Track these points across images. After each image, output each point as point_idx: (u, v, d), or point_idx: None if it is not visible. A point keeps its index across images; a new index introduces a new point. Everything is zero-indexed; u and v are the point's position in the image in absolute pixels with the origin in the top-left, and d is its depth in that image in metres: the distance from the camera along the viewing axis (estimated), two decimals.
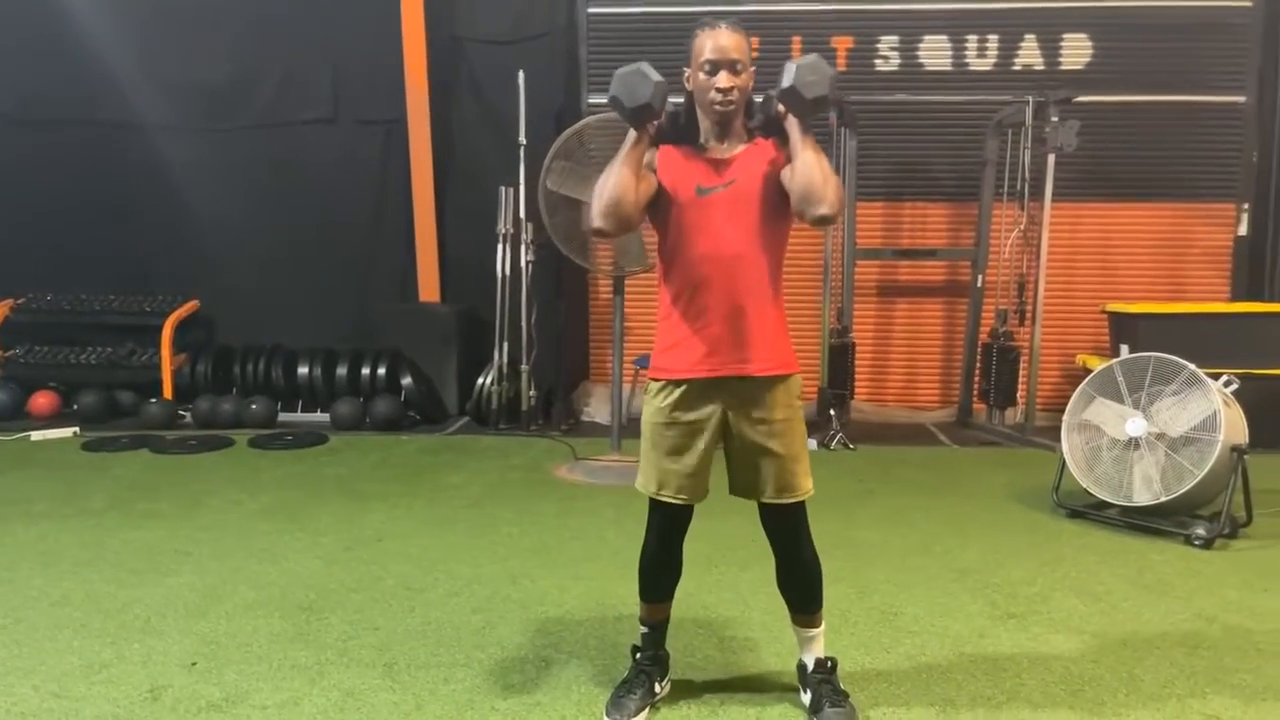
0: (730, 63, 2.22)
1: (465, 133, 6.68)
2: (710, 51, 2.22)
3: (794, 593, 2.51)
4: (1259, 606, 3.24)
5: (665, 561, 2.52)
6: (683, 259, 2.33)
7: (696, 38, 2.28)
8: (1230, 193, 6.35)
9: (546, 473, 5.02)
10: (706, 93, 2.25)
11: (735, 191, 2.29)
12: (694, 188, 2.30)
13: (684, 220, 2.31)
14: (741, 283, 2.31)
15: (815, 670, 2.49)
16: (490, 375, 6.11)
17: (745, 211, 2.29)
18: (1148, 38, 6.21)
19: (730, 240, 2.29)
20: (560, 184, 4.75)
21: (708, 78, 2.24)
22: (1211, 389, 3.89)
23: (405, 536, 3.94)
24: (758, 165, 2.29)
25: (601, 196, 2.23)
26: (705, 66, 2.24)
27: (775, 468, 2.36)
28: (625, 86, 2.19)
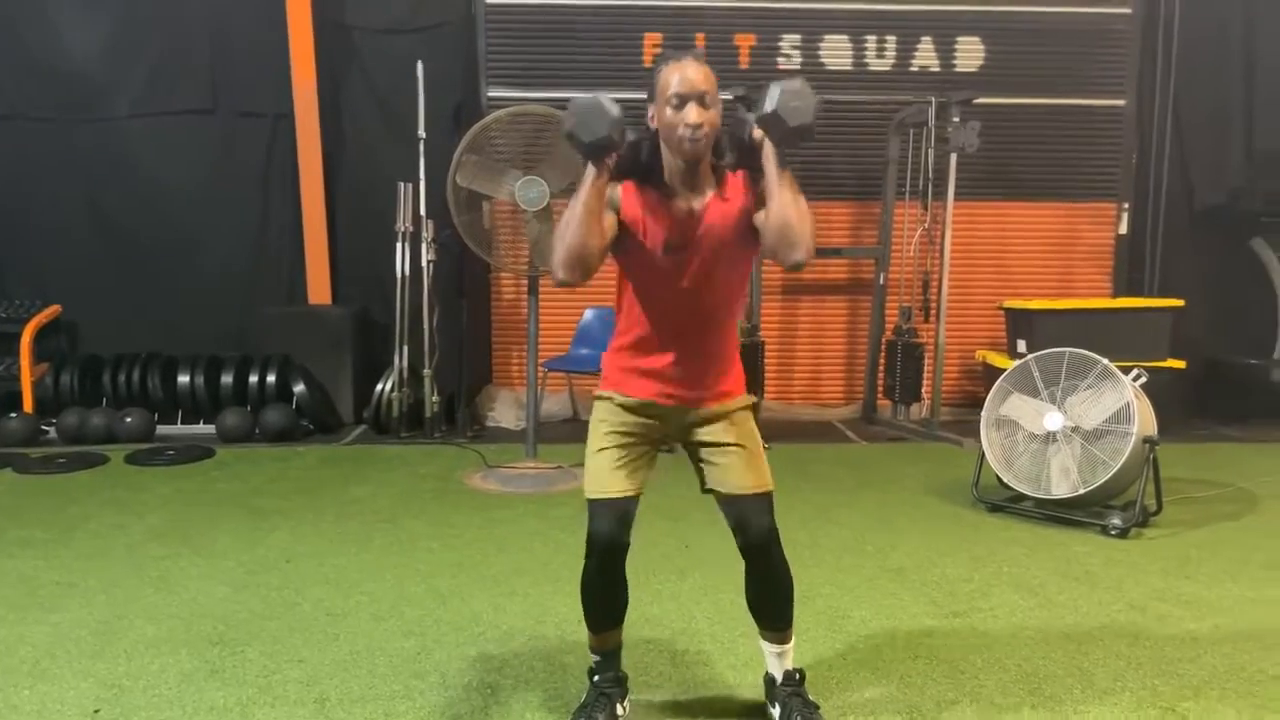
0: (699, 95, 2.07)
1: (357, 126, 6.35)
2: (677, 85, 2.06)
3: (764, 604, 2.41)
4: (1184, 594, 3.33)
5: (608, 580, 2.34)
6: (646, 303, 2.25)
7: (661, 72, 2.12)
8: (1112, 193, 6.62)
9: (458, 482, 4.80)
10: (674, 129, 2.08)
11: (704, 247, 2.18)
12: (661, 244, 2.17)
13: (648, 272, 2.21)
14: (704, 331, 2.27)
15: (784, 683, 2.40)
16: (390, 381, 5.82)
17: (713, 264, 2.20)
18: (1036, 42, 6.41)
19: (696, 291, 2.22)
20: (470, 180, 4.54)
21: (675, 112, 2.07)
22: (1124, 382, 4.00)
23: (316, 556, 3.66)
24: (727, 214, 2.18)
25: (563, 244, 2.07)
26: (673, 100, 2.07)
27: (738, 457, 2.30)
28: (582, 121, 2.02)
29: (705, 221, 2.17)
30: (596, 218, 2.08)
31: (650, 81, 2.14)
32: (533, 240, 4.61)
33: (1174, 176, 6.53)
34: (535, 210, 4.53)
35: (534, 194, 4.50)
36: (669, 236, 2.16)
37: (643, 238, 2.17)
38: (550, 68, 6.29)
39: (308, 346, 6.05)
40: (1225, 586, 3.39)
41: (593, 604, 2.37)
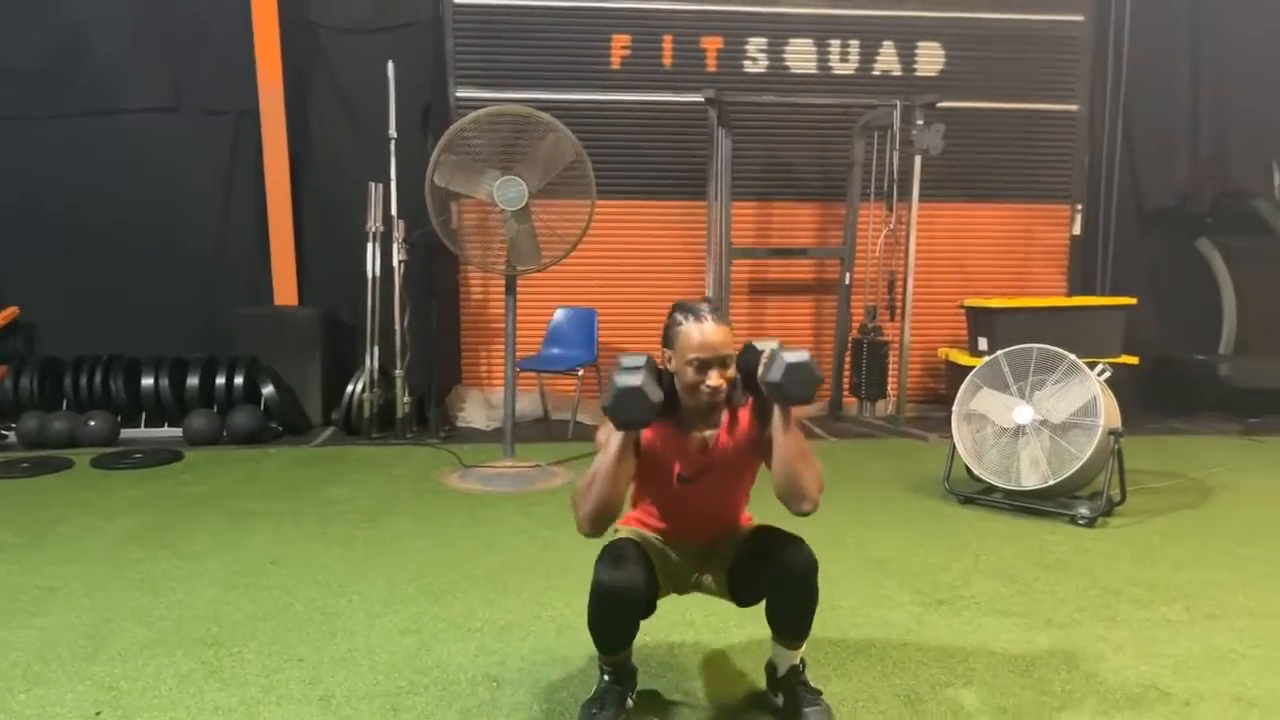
0: (720, 359, 2.17)
1: (324, 125, 6.30)
2: (699, 349, 2.16)
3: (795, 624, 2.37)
4: (1153, 579, 3.46)
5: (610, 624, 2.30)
6: (661, 510, 2.42)
7: (681, 327, 2.19)
8: (1065, 195, 6.83)
9: (436, 482, 4.79)
10: (695, 387, 2.19)
11: (715, 476, 2.32)
12: (675, 476, 2.30)
13: (663, 495, 2.38)
14: (716, 525, 2.44)
15: (789, 674, 2.45)
16: (361, 382, 5.78)
17: (723, 489, 2.38)
18: (993, 48, 6.58)
19: (708, 509, 2.40)
20: (448, 179, 4.54)
21: (696, 374, 2.17)
22: (1090, 377, 4.14)
23: (301, 557, 3.64)
24: (738, 444, 2.30)
25: (592, 500, 2.18)
26: (694, 363, 2.17)
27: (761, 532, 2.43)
28: (623, 405, 2.11)
29: (717, 452, 2.29)
30: (626, 479, 2.21)
31: (667, 331, 2.22)
32: (510, 240, 4.63)
33: (1124, 179, 6.76)
34: (514, 210, 4.54)
35: (512, 194, 4.51)
36: (684, 470, 2.29)
37: (658, 467, 2.29)
38: (518, 68, 6.30)
39: (275, 348, 5.99)
40: (1190, 571, 3.54)
41: (599, 638, 2.35)
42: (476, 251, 4.77)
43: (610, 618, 2.28)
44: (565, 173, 4.56)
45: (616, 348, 6.44)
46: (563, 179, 4.57)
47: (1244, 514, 4.31)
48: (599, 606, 2.26)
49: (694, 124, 6.35)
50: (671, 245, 6.50)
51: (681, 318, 2.20)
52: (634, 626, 2.34)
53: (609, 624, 2.31)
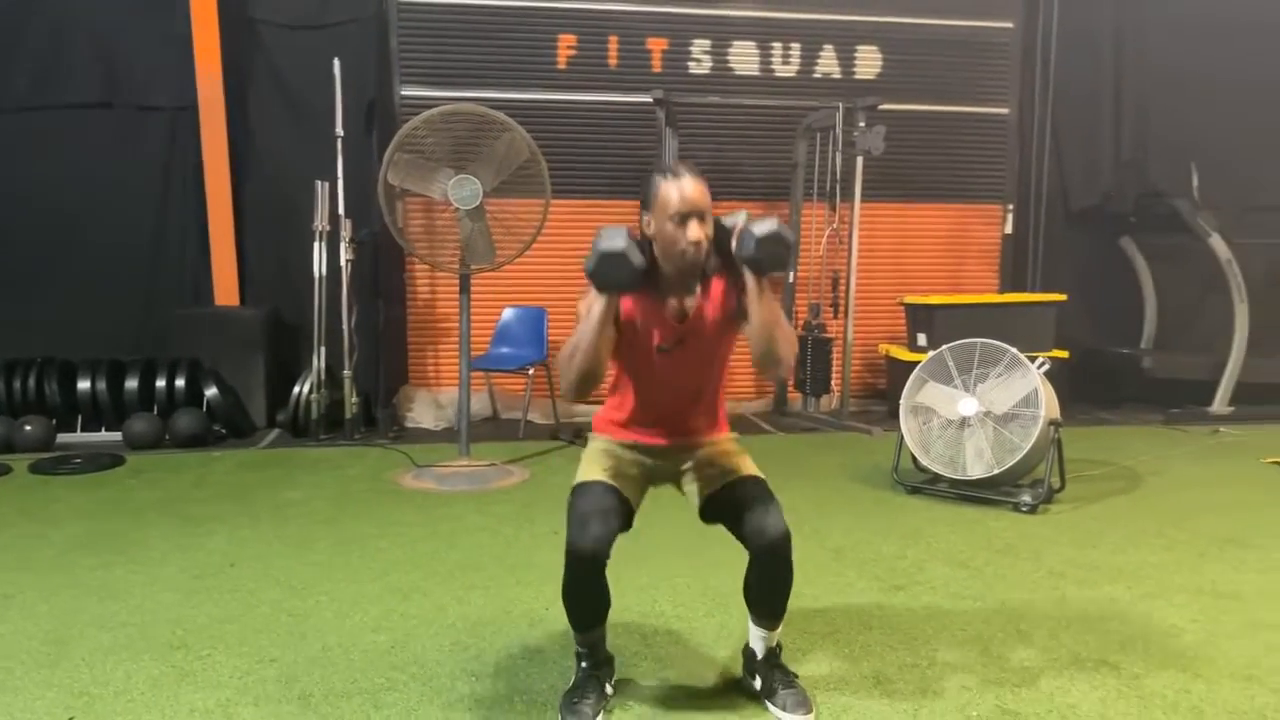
0: (700, 212, 2.22)
1: (265, 123, 6.19)
2: (679, 203, 2.20)
3: (771, 602, 2.44)
4: (1095, 561, 3.63)
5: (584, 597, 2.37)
6: (641, 387, 2.44)
7: (660, 186, 2.24)
8: (998, 195, 7.06)
9: (390, 482, 4.76)
10: (674, 244, 2.23)
11: (694, 344, 2.36)
12: (654, 345, 2.35)
13: (641, 368, 2.40)
14: (695, 406, 2.47)
15: (766, 658, 2.51)
16: (308, 382, 5.70)
17: (702, 359, 2.41)
18: (928, 53, 6.77)
19: (686, 383, 2.43)
20: (402, 178, 4.52)
21: (676, 228, 2.22)
22: (1031, 370, 4.31)
23: (261, 560, 3.60)
24: (715, 312, 2.34)
25: (575, 368, 2.24)
26: (675, 218, 2.21)
27: (725, 459, 2.48)
28: (607, 266, 2.16)
29: (696, 321, 2.34)
30: (608, 343, 2.26)
31: (646, 193, 2.26)
32: (464, 239, 4.63)
33: (1052, 180, 7.02)
34: (468, 209, 4.54)
35: (467, 193, 4.51)
36: (663, 338, 2.33)
37: (638, 337, 2.33)
38: (464, 67, 6.28)
39: (217, 349, 5.87)
40: (1128, 553, 3.72)
41: (574, 611, 2.40)
42: (428, 250, 4.74)
43: (582, 582, 2.31)
44: (519, 172, 4.57)
45: None
46: (517, 178, 4.59)
47: (1172, 498, 4.53)
48: (571, 573, 2.31)
49: (640, 124, 6.42)
50: None
51: (660, 178, 2.25)
52: (605, 596, 2.38)
53: (582, 589, 2.34)
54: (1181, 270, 7.00)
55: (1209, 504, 4.41)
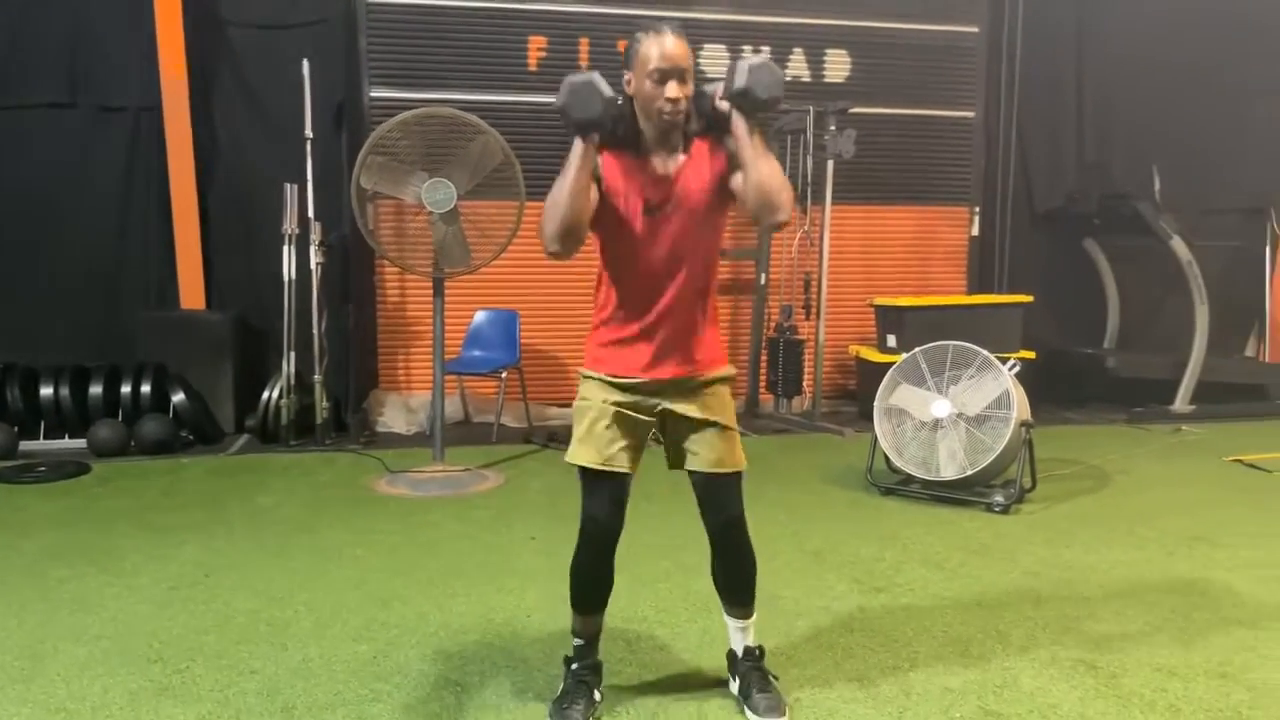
0: (679, 71, 2.17)
1: (231, 124, 6.10)
2: (658, 60, 2.16)
3: (732, 581, 2.51)
4: (1068, 561, 3.69)
5: (601, 564, 2.44)
6: (628, 271, 2.33)
7: (640, 43, 2.21)
8: (964, 197, 7.14)
9: (365, 488, 4.72)
10: (653, 101, 2.18)
11: (681, 207, 2.28)
12: (641, 205, 2.27)
13: (629, 235, 2.29)
14: (687, 290, 2.34)
15: (745, 658, 2.53)
16: (278, 387, 5.63)
17: (690, 225, 2.30)
18: (896, 56, 6.83)
19: (676, 254, 2.31)
20: (375, 181, 4.48)
21: (656, 86, 2.17)
22: (1003, 372, 4.37)
23: (237, 569, 3.55)
24: (700, 175, 2.29)
25: (555, 218, 2.17)
26: (654, 75, 2.17)
27: (716, 435, 2.38)
28: (576, 98, 2.13)
29: (680, 181, 2.27)
30: (586, 190, 2.18)
31: (628, 50, 2.23)
32: (438, 242, 4.60)
33: (1018, 182, 7.11)
34: (442, 213, 4.51)
35: (440, 196, 4.49)
36: (648, 197, 2.26)
37: (623, 201, 2.26)
38: (434, 68, 6.23)
39: (183, 354, 5.78)
40: (1100, 553, 3.78)
41: (583, 586, 2.44)
42: (399, 254, 4.70)
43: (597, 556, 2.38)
44: (494, 175, 4.55)
45: (538, 350, 6.46)
46: (491, 181, 4.57)
47: (1140, 497, 4.61)
48: (591, 539, 2.36)
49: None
50: (591, 246, 6.53)
51: (641, 34, 2.21)
52: (612, 575, 2.44)
53: (595, 563, 2.39)
54: (1143, 271, 7.13)
55: (1175, 503, 4.49)
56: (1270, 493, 4.71)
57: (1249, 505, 4.46)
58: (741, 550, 2.47)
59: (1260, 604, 3.23)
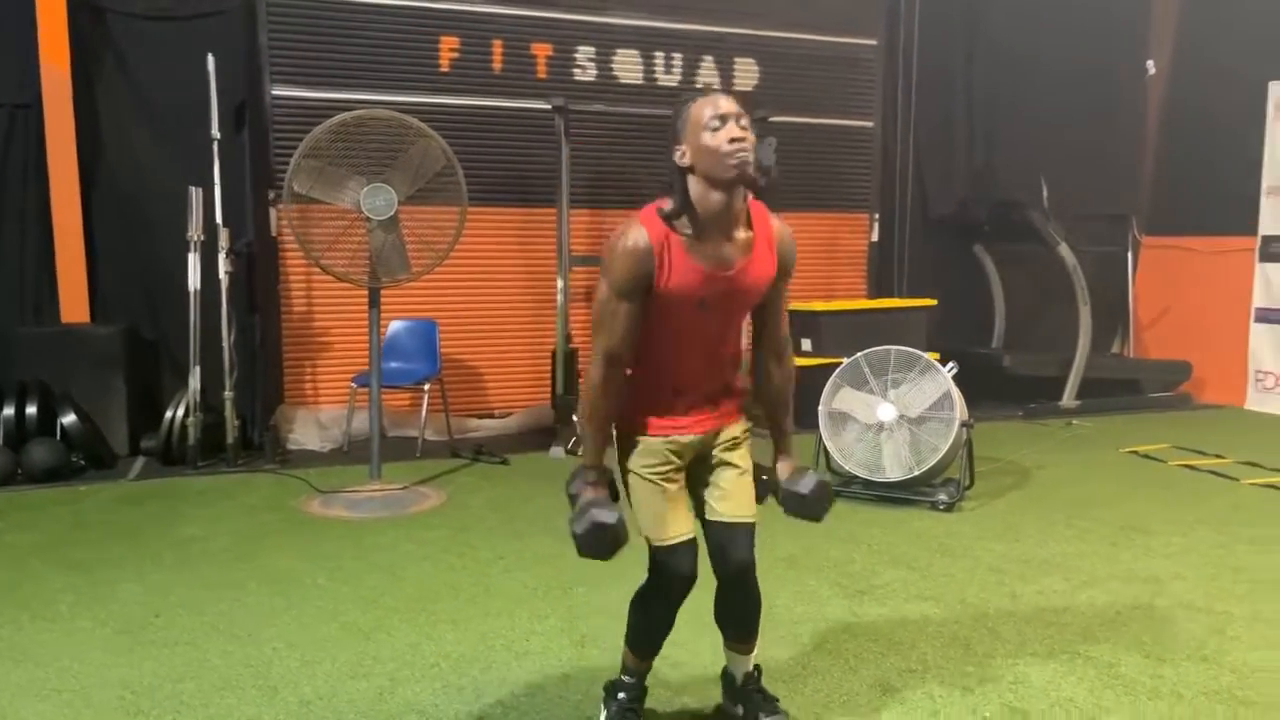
0: (737, 115, 2.09)
1: (119, 122, 5.63)
2: (714, 109, 2.08)
3: (740, 623, 2.46)
4: (1025, 556, 3.84)
5: (670, 619, 2.35)
6: (671, 349, 2.24)
7: (690, 107, 2.12)
8: (865, 204, 7.38)
9: (296, 511, 4.45)
10: (717, 150, 2.05)
11: (734, 295, 2.19)
12: (697, 301, 2.14)
13: (679, 324, 2.19)
14: (726, 362, 2.34)
15: (745, 683, 2.48)
16: (183, 405, 5.24)
17: (738, 309, 2.26)
18: (801, 67, 6.99)
19: (721, 335, 2.28)
20: (309, 186, 4.23)
21: (715, 134, 2.05)
22: (942, 374, 4.53)
23: (190, 606, 3.28)
24: (757, 275, 2.21)
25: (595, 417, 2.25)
26: (712, 124, 2.06)
27: (737, 482, 2.36)
28: (591, 542, 2.18)
29: (739, 278, 2.17)
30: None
31: (677, 122, 2.13)
32: (376, 250, 4.38)
33: (915, 190, 7.40)
34: (381, 220, 4.31)
35: (380, 202, 4.28)
36: (704, 295, 2.14)
37: (677, 297, 2.13)
38: (341, 66, 5.94)
39: (67, 371, 5.29)
40: (1050, 545, 3.96)
41: (654, 634, 2.37)
42: (330, 262, 4.44)
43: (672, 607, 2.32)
44: (435, 179, 4.38)
45: (459, 360, 6.26)
46: (432, 186, 4.39)
47: (1065, 490, 4.86)
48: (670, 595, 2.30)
49: (525, 130, 6.29)
50: (508, 253, 6.40)
51: (689, 103, 2.13)
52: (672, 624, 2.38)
53: (668, 615, 2.34)
54: (1026, 274, 7.55)
55: (1097, 494, 4.76)
56: (1172, 481, 5.06)
57: (1160, 494, 4.77)
58: (751, 595, 2.42)
59: (1207, 590, 3.46)
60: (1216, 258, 7.45)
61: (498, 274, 6.41)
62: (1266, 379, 7.11)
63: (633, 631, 2.38)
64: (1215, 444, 5.80)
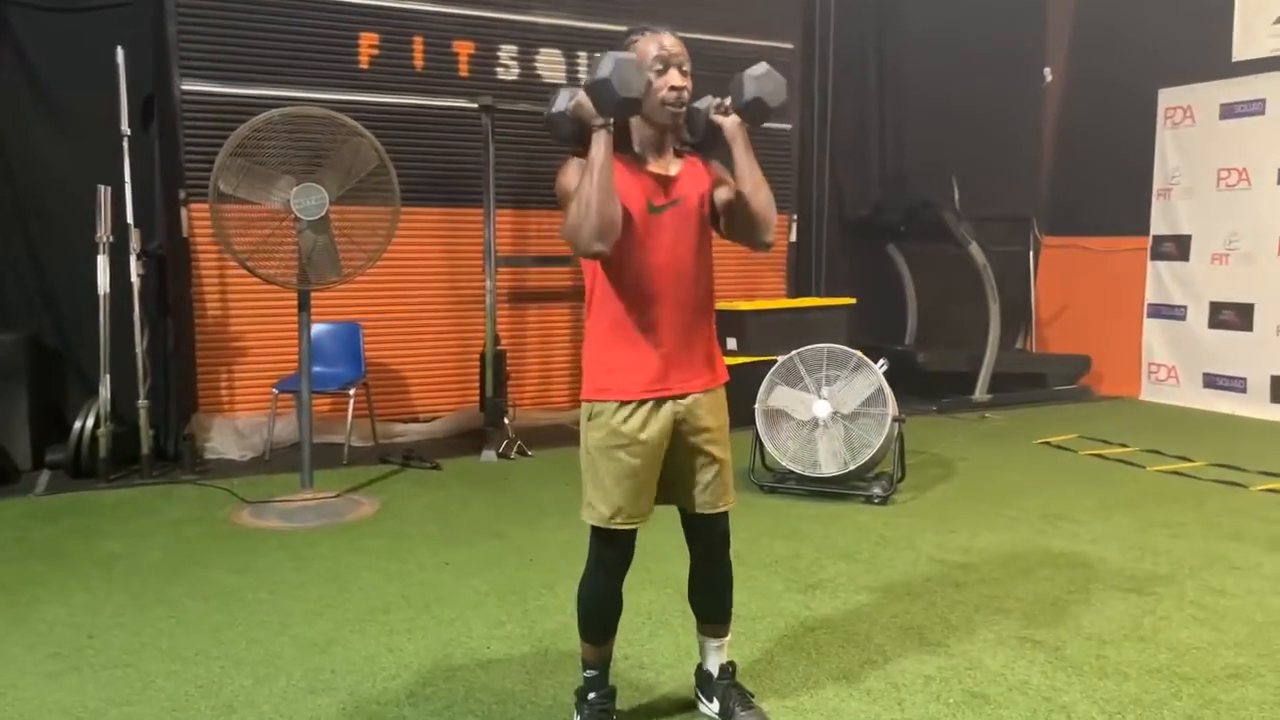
0: (679, 62, 2.22)
1: (12, 118, 5.31)
2: (659, 50, 2.20)
3: (714, 604, 2.51)
4: (962, 545, 3.97)
5: (614, 597, 2.38)
6: (632, 275, 2.25)
7: (637, 43, 2.24)
8: (785, 206, 7.50)
9: (224, 523, 4.28)
10: (658, 94, 2.19)
11: (683, 209, 2.28)
12: (645, 204, 2.23)
13: (633, 237, 2.22)
14: (691, 299, 2.31)
15: (720, 676, 2.51)
16: (93, 415, 4.98)
17: (691, 229, 2.29)
18: (721, 70, 6.95)
19: (680, 257, 2.28)
20: (235, 186, 4.08)
21: (658, 77, 2.19)
22: (875, 371, 4.64)
23: (125, 627, 3.12)
24: (697, 184, 2.31)
25: (593, 215, 2.08)
26: (655, 65, 2.18)
27: (714, 473, 2.38)
28: (621, 75, 2.05)
29: (680, 184, 2.27)
30: (613, 181, 2.13)
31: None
32: (306, 252, 4.25)
33: (832, 192, 7.57)
34: (311, 220, 4.18)
35: (312, 202, 4.15)
36: (651, 196, 2.23)
37: (628, 201, 2.18)
38: (254, 61, 5.73)
39: None
40: (984, 535, 4.10)
41: (598, 616, 2.37)
42: (256, 263, 4.28)
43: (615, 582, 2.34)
44: (368, 179, 4.27)
45: (382, 363, 6.12)
46: (364, 186, 4.29)
47: (988, 480, 5.03)
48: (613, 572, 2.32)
49: (450, 129, 6.20)
50: (431, 253, 6.28)
51: (636, 35, 2.24)
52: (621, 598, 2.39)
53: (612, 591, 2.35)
54: (936, 273, 7.81)
55: (1020, 484, 4.95)
56: (1085, 470, 5.30)
57: (1076, 483, 4.99)
58: (726, 568, 2.48)
59: (1133, 573, 3.63)
60: (1111, 257, 7.84)
61: (421, 275, 6.30)
62: (1159, 371, 7.52)
63: (583, 619, 2.39)
64: (1118, 433, 6.10)
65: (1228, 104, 6.98)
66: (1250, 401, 6.84)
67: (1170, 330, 7.44)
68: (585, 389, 2.33)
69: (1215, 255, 7.11)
